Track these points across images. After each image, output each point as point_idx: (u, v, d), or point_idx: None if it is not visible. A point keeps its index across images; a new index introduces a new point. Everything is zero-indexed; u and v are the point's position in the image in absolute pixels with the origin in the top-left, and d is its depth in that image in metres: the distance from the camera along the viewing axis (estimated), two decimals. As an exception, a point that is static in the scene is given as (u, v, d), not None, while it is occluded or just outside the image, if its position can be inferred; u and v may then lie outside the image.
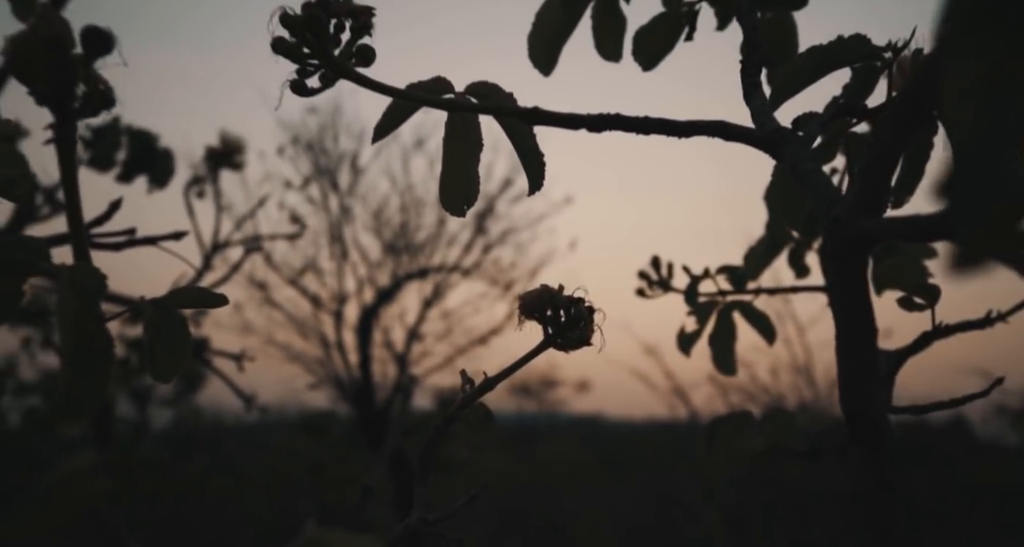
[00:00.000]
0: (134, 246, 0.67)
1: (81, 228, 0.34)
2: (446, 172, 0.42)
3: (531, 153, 0.40)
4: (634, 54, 0.55)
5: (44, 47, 0.30)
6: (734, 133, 0.38)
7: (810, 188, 0.35)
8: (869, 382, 0.33)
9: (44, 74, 0.30)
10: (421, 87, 0.39)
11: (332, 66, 0.37)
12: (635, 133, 0.37)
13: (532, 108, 0.37)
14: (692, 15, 0.53)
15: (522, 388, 8.69)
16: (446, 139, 0.42)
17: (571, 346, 0.45)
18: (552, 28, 0.53)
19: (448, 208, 0.42)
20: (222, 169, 1.28)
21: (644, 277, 0.79)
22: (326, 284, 3.96)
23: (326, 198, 4.00)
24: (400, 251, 4.02)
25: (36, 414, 1.44)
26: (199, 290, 0.39)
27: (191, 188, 1.27)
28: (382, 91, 0.38)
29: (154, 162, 1.08)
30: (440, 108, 0.38)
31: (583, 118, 0.37)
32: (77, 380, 0.31)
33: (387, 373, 3.93)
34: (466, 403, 0.44)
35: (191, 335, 0.36)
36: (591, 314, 0.45)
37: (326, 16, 0.37)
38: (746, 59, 0.43)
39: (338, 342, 3.87)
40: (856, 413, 0.34)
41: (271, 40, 0.38)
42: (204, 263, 1.30)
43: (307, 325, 3.97)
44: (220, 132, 1.24)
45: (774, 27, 0.55)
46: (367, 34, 0.39)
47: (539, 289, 0.45)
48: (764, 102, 0.41)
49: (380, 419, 3.53)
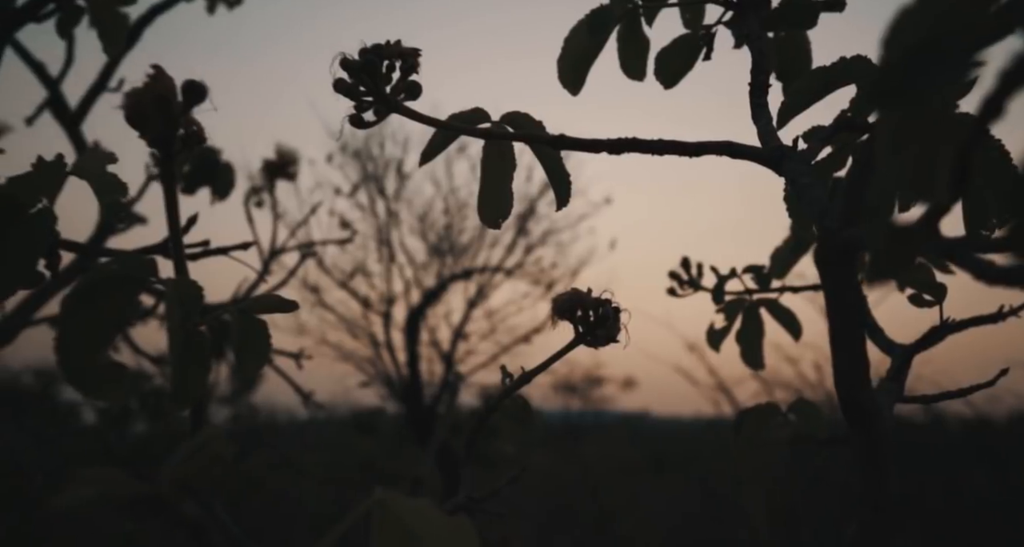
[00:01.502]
0: (208, 256, 0.75)
1: (181, 247, 0.41)
2: (484, 190, 0.48)
3: (558, 173, 0.45)
4: (656, 74, 0.59)
5: (154, 101, 0.36)
6: (740, 151, 0.43)
7: (805, 200, 0.39)
8: (859, 373, 0.38)
9: (154, 122, 0.37)
10: (461, 118, 0.44)
11: (385, 103, 0.43)
12: (651, 154, 0.42)
13: (558, 135, 0.42)
14: (709, 37, 0.58)
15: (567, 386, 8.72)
16: (483, 161, 0.47)
17: (599, 343, 0.50)
18: (579, 52, 0.58)
19: (485, 221, 0.48)
20: (278, 180, 1.36)
21: (675, 277, 0.83)
22: (375, 286, 4.08)
23: (373, 203, 4.12)
24: (445, 253, 4.11)
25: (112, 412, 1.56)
26: (275, 297, 0.45)
27: (250, 198, 1.36)
28: (428, 123, 0.44)
29: (216, 175, 1.16)
30: (478, 137, 0.44)
31: (603, 143, 0.42)
32: (183, 375, 0.37)
33: (434, 371, 4.02)
34: (505, 395, 0.49)
35: (271, 338, 0.43)
36: (617, 314, 0.50)
37: (379, 60, 0.43)
38: (753, 82, 0.47)
39: (387, 342, 3.98)
40: (849, 400, 0.38)
41: (332, 81, 0.44)
42: (263, 268, 1.39)
43: (357, 325, 4.09)
44: (276, 145, 1.33)
45: (788, 44, 0.59)
46: (414, 72, 0.45)
47: (570, 292, 0.51)
48: (769, 121, 0.45)
49: (428, 415, 3.62)
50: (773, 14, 0.55)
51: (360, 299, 4.06)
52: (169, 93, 0.37)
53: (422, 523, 0.28)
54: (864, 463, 0.39)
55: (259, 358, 0.42)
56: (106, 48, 0.70)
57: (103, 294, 0.38)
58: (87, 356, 0.37)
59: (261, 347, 0.42)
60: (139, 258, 0.40)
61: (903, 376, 0.56)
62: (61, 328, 0.37)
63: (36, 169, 0.48)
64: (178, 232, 0.40)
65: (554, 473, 6.01)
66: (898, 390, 0.55)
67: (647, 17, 0.59)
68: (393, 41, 0.44)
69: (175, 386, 0.37)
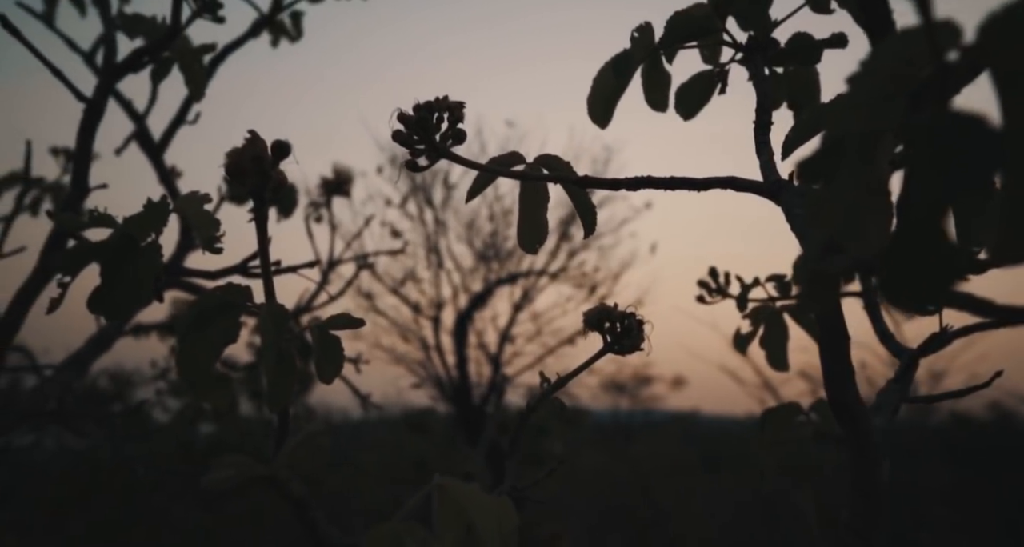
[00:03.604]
0: (280, 274, 0.84)
1: (270, 276, 0.49)
2: (522, 220, 0.55)
3: (585, 206, 0.52)
4: (676, 107, 0.66)
5: (250, 160, 0.45)
6: (742, 185, 0.49)
7: (796, 228, 0.45)
8: (844, 378, 0.44)
9: (250, 177, 0.45)
10: (499, 161, 0.52)
11: (435, 151, 0.51)
12: (664, 190, 0.49)
13: (583, 176, 0.49)
14: (723, 74, 0.64)
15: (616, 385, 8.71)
16: (521, 195, 0.55)
17: (625, 351, 0.57)
18: (606, 92, 0.64)
19: (524, 248, 0.55)
20: (335, 196, 1.46)
21: (704, 286, 0.89)
22: (424, 292, 4.22)
23: (422, 212, 4.25)
24: (491, 259, 4.22)
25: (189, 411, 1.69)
26: (346, 316, 0.53)
27: (309, 214, 1.46)
28: (471, 166, 0.51)
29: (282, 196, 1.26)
30: (515, 178, 0.51)
31: (622, 181, 0.49)
32: (275, 384, 0.46)
33: (482, 373, 4.12)
34: (542, 398, 0.57)
35: (343, 349, 0.51)
36: (640, 326, 0.57)
37: (430, 114, 0.51)
38: (757, 121, 0.53)
39: (437, 345, 4.10)
40: (837, 401, 0.44)
41: (391, 133, 0.52)
42: (323, 278, 1.49)
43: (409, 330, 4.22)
44: (333, 165, 1.43)
45: (797, 76, 0.65)
46: (460, 122, 0.52)
47: (599, 307, 0.58)
48: (770, 157, 0.51)
49: (477, 415, 3.71)
50: (781, 52, 0.61)
51: (411, 304, 4.20)
52: (262, 153, 0.45)
53: (471, 500, 0.35)
54: (854, 454, 0.45)
55: (335, 367, 0.51)
56: (192, 93, 0.80)
57: (212, 318, 0.46)
58: (201, 368, 0.45)
59: (336, 358, 0.51)
60: (238, 288, 0.48)
61: (909, 378, 0.61)
62: (180, 345, 0.45)
63: (145, 209, 0.57)
64: (267, 264, 0.49)
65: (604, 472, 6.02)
66: (903, 391, 0.60)
67: (667, 56, 0.65)
68: (441, 97, 0.52)
69: (269, 393, 0.45)
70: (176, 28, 0.75)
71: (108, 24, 0.80)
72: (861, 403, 0.44)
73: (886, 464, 0.51)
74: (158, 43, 0.76)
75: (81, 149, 0.77)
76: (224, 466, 0.30)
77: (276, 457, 0.32)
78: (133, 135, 1.09)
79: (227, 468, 0.30)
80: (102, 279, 0.54)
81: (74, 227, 0.56)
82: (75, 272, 0.55)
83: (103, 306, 0.53)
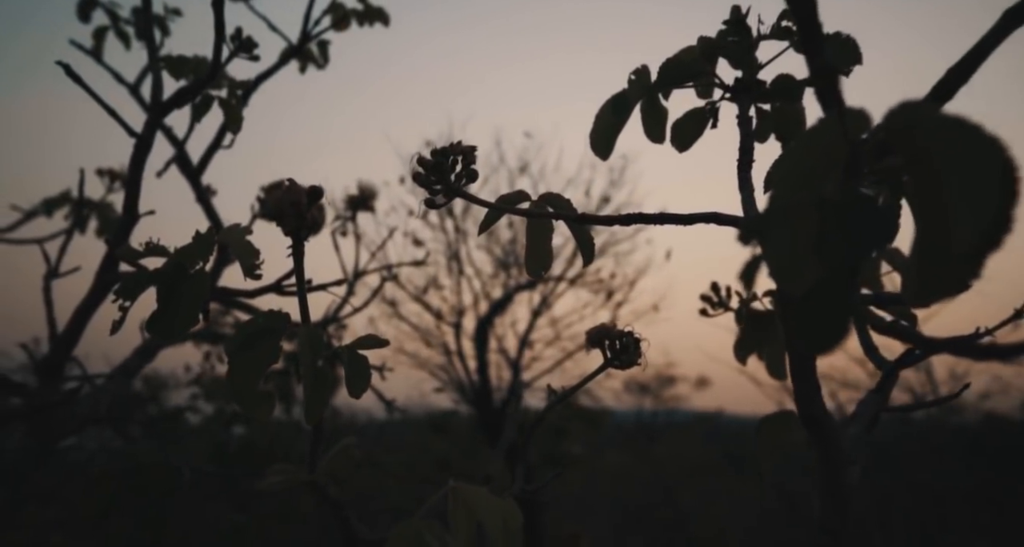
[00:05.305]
0: (312, 292, 0.91)
1: (306, 302, 0.56)
2: (529, 248, 0.61)
3: (584, 239, 0.58)
4: (671, 140, 0.71)
5: (289, 205, 0.52)
6: (724, 220, 0.55)
7: (770, 261, 0.51)
8: (813, 393, 0.49)
9: (289, 220, 0.52)
10: (507, 200, 0.58)
11: (451, 190, 0.57)
12: (653, 225, 0.55)
13: (582, 214, 0.55)
14: (714, 110, 0.70)
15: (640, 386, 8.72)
16: (528, 227, 0.61)
17: (624, 366, 0.63)
18: (607, 128, 0.70)
19: (530, 273, 0.61)
20: (360, 211, 1.54)
21: (706, 299, 0.95)
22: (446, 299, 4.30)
23: (443, 221, 4.34)
24: (510, 265, 4.29)
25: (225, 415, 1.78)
26: (372, 337, 0.60)
27: (336, 229, 1.54)
28: (481, 204, 0.58)
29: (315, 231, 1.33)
30: (521, 215, 0.57)
31: (615, 218, 0.55)
32: (312, 397, 0.53)
33: (502, 376, 4.20)
34: (548, 410, 0.63)
35: (370, 368, 0.57)
36: (637, 343, 0.63)
37: (446, 159, 0.57)
38: (740, 160, 0.59)
39: (458, 350, 4.19)
40: (807, 415, 0.50)
41: (411, 174, 0.58)
42: (348, 289, 1.57)
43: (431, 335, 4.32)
44: (358, 182, 1.50)
45: (783, 111, 0.70)
46: (472, 163, 0.59)
47: (599, 326, 0.64)
48: (751, 193, 0.57)
49: (497, 418, 3.79)
50: (765, 91, 0.66)
51: (433, 311, 4.30)
52: (300, 198, 0.52)
53: (480, 501, 0.41)
54: (821, 460, 0.51)
55: (363, 383, 0.57)
56: (230, 126, 0.87)
57: (255, 341, 0.53)
58: (248, 386, 0.52)
59: (364, 375, 0.57)
60: (278, 315, 0.55)
61: (888, 388, 0.67)
62: (230, 366, 0.52)
63: (194, 240, 0.64)
64: (303, 292, 0.56)
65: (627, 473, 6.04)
66: (882, 401, 0.65)
67: (663, 94, 0.71)
68: (455, 142, 0.58)
69: (307, 407, 0.52)
70: (216, 67, 0.82)
71: (154, 64, 0.88)
72: (828, 415, 0.50)
73: (855, 468, 0.56)
74: (200, 82, 0.83)
75: (132, 180, 0.84)
76: (275, 473, 0.37)
77: (315, 465, 0.38)
78: (173, 159, 1.17)
79: (277, 474, 0.37)
80: (158, 304, 0.61)
81: (132, 258, 0.63)
82: (134, 297, 0.62)
83: (159, 328, 0.61)
